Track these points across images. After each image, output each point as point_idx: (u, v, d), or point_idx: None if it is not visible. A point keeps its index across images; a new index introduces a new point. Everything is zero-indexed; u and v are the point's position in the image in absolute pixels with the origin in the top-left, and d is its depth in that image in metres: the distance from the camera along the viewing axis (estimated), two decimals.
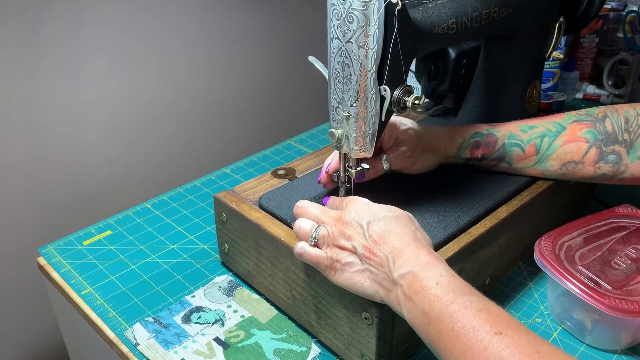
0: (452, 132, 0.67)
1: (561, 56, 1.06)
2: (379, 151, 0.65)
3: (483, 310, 0.43)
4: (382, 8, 0.49)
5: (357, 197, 0.55)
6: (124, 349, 0.61)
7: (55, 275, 0.72)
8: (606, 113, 0.65)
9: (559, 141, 0.65)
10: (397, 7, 0.50)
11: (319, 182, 0.65)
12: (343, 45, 0.52)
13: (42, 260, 0.75)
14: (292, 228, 0.59)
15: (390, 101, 0.54)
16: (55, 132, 0.98)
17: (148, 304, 0.67)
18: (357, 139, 0.56)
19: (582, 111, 0.67)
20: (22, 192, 0.97)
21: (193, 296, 0.68)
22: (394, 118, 0.64)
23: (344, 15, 0.50)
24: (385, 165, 0.64)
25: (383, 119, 0.55)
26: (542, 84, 0.98)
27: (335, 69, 0.54)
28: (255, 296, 0.68)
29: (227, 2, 1.15)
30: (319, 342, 0.62)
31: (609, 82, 1.17)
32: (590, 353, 0.60)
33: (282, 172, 0.73)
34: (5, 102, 0.90)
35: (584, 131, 0.64)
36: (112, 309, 0.67)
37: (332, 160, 0.63)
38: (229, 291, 0.69)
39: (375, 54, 0.51)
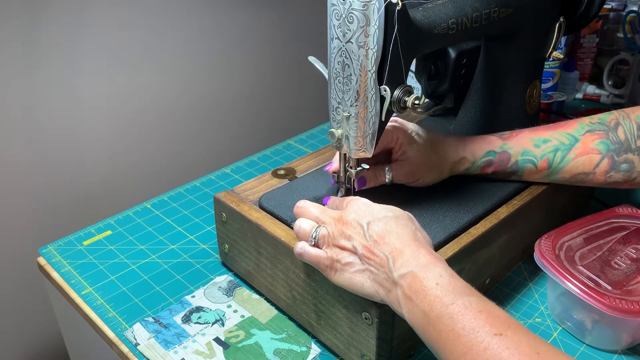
0: (463, 151, 0.65)
1: (561, 56, 1.06)
2: (386, 157, 0.64)
3: (483, 311, 0.43)
4: (382, 8, 0.49)
5: (357, 197, 0.55)
6: (124, 349, 0.61)
7: (55, 275, 0.72)
8: (618, 120, 0.64)
9: (572, 154, 0.64)
10: (397, 7, 0.50)
11: (333, 183, 0.64)
12: (343, 45, 0.52)
13: (42, 260, 0.75)
14: (292, 228, 0.59)
15: (390, 101, 0.54)
16: (55, 133, 0.98)
17: (148, 304, 0.67)
18: (357, 139, 0.56)
19: (595, 118, 0.65)
20: (22, 192, 0.97)
21: (193, 296, 0.68)
22: (408, 127, 0.63)
23: (344, 15, 0.50)
24: (388, 178, 0.63)
25: (383, 119, 0.55)
26: (542, 84, 0.98)
27: (335, 69, 0.54)
28: (255, 296, 0.68)
29: (227, 2, 1.15)
30: (319, 342, 0.62)
31: (609, 82, 1.17)
32: (590, 353, 0.60)
33: (282, 172, 0.73)
34: (5, 102, 0.90)
35: (597, 142, 0.64)
36: (112, 309, 0.67)
37: (335, 160, 0.63)
38: (229, 291, 0.69)
39: (375, 54, 0.51)
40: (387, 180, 0.63)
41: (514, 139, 0.66)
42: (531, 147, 0.65)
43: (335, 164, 0.63)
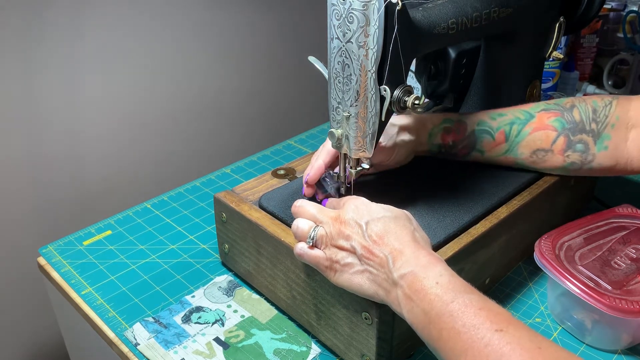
0: (423, 119, 0.68)
1: (561, 56, 1.06)
2: None
3: (483, 309, 0.43)
4: (382, 8, 0.49)
5: (354, 196, 0.55)
6: (124, 349, 0.61)
7: (55, 275, 0.72)
8: (574, 103, 0.66)
9: (528, 128, 0.66)
10: (397, 7, 0.50)
11: (304, 195, 0.64)
12: (343, 45, 0.52)
13: (42, 260, 0.75)
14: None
15: (390, 101, 0.54)
16: (55, 132, 0.98)
17: (148, 304, 0.67)
18: (357, 139, 0.56)
19: (551, 101, 0.68)
20: (22, 192, 0.97)
21: (193, 296, 0.68)
22: None
23: (344, 15, 0.50)
24: (367, 163, 0.63)
25: (383, 119, 0.55)
26: (542, 84, 0.98)
27: (335, 69, 0.54)
28: (255, 296, 0.68)
29: (228, 2, 1.15)
30: (319, 342, 0.62)
31: (609, 82, 1.17)
32: (590, 353, 0.60)
33: (282, 172, 0.73)
34: (5, 101, 0.90)
35: (552, 119, 0.66)
36: (112, 309, 0.67)
37: (312, 169, 0.62)
38: (229, 291, 0.69)
39: (375, 54, 0.51)
40: (366, 166, 0.63)
41: (472, 113, 0.69)
42: (487, 119, 0.68)
43: (311, 174, 0.62)
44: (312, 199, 0.64)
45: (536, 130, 0.66)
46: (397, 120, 0.66)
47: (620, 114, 0.64)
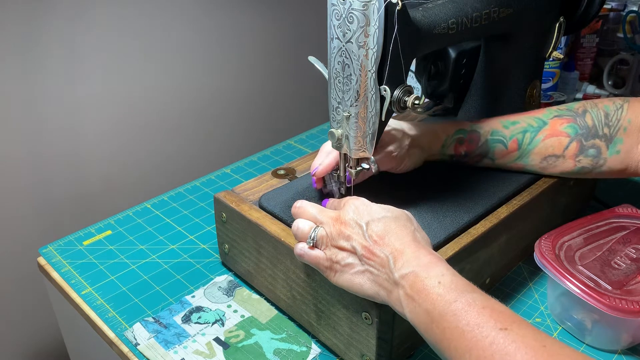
0: (436, 129, 0.68)
1: (561, 56, 1.06)
2: None
3: (487, 307, 0.43)
4: (382, 8, 0.49)
5: (354, 196, 0.55)
6: (124, 349, 0.61)
7: (55, 275, 0.72)
8: (586, 108, 0.66)
9: (541, 136, 0.66)
10: (397, 7, 0.50)
11: (315, 188, 0.65)
12: (343, 45, 0.52)
13: (42, 260, 0.75)
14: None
15: (390, 101, 0.54)
16: (55, 132, 0.98)
17: (148, 304, 0.67)
18: (357, 139, 0.56)
19: (563, 106, 0.68)
20: (22, 192, 0.97)
21: (193, 296, 0.68)
22: None
23: (344, 15, 0.50)
24: (374, 167, 0.63)
25: (383, 119, 0.55)
26: (542, 84, 0.98)
27: (335, 69, 0.54)
28: (255, 296, 0.68)
29: (228, 2, 1.15)
30: (319, 342, 0.62)
31: (609, 82, 1.17)
32: (590, 353, 0.60)
33: (282, 172, 0.73)
34: (5, 101, 0.90)
35: (565, 126, 0.65)
36: (112, 309, 0.67)
37: (322, 165, 0.62)
38: (229, 291, 0.69)
39: (375, 54, 0.51)
40: (373, 171, 0.63)
41: (484, 122, 0.68)
42: (500, 127, 0.67)
43: (321, 167, 0.62)
44: (313, 198, 0.64)
45: (549, 137, 0.66)
46: (409, 130, 0.66)
47: (632, 117, 0.63)
